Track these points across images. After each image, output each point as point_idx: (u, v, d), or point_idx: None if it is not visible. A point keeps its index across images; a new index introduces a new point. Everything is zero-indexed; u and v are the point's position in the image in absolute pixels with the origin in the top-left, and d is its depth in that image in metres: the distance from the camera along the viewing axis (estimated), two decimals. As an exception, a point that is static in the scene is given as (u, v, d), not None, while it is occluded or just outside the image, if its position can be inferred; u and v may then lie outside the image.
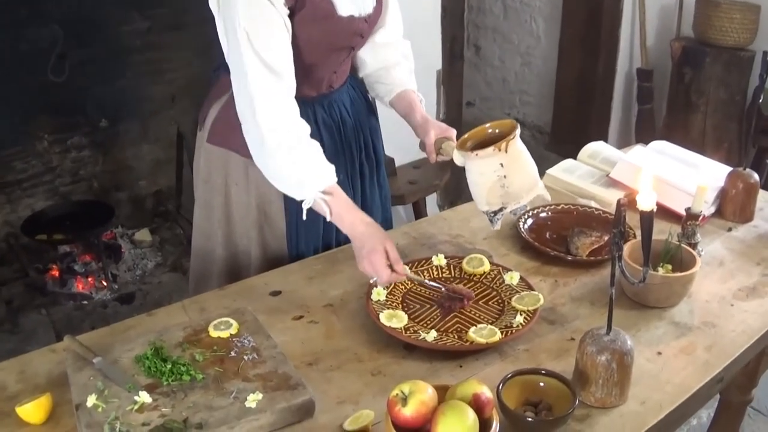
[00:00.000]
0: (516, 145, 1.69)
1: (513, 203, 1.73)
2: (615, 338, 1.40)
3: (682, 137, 3.95)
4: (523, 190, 1.71)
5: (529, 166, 1.72)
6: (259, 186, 1.90)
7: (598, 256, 1.91)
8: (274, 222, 1.95)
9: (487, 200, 1.74)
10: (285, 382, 1.42)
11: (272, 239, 1.96)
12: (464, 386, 1.30)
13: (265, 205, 1.93)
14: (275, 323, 1.67)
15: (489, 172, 1.69)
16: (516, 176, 1.69)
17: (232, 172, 1.92)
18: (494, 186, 1.70)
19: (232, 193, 1.93)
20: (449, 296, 1.70)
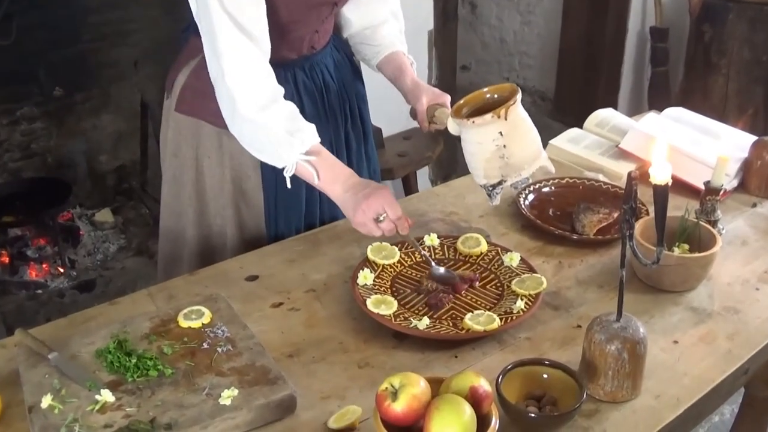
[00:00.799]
0: (517, 112, 1.69)
1: (514, 175, 1.73)
2: (626, 325, 1.41)
3: (701, 103, 3.96)
4: (525, 161, 1.71)
5: (532, 134, 1.73)
6: (233, 159, 1.90)
7: (606, 235, 1.92)
8: (250, 199, 1.95)
9: (485, 173, 1.74)
10: (263, 376, 1.42)
11: (249, 218, 1.96)
12: (460, 379, 1.30)
13: (240, 179, 1.93)
14: (252, 311, 1.67)
15: (487, 141, 1.69)
16: (517, 146, 1.69)
17: (203, 144, 1.91)
18: (493, 157, 1.70)
19: (203, 168, 1.93)
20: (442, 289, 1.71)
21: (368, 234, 1.71)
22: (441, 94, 1.89)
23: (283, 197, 1.94)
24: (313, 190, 1.97)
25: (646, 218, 1.80)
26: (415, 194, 2.24)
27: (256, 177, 1.92)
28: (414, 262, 1.81)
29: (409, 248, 1.83)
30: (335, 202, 1.74)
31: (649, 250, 1.66)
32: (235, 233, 1.97)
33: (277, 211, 1.96)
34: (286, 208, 1.96)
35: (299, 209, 1.98)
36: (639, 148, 2.23)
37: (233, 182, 1.93)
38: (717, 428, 2.83)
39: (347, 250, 1.89)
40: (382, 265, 1.77)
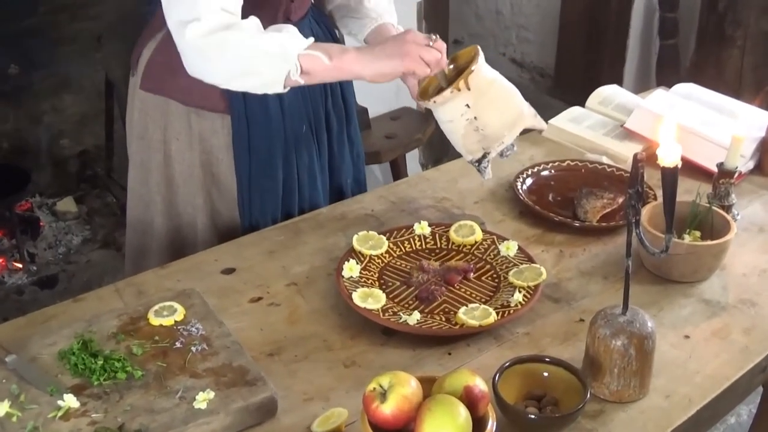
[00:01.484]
0: (481, 77, 1.69)
1: (496, 146, 1.73)
2: (633, 319, 1.42)
3: (714, 78, 3.96)
4: (503, 127, 1.71)
5: (504, 96, 1.72)
6: (203, 140, 1.90)
7: (611, 222, 1.93)
8: (223, 185, 1.95)
9: (466, 149, 1.74)
10: (241, 378, 1.42)
11: (222, 206, 1.97)
12: (454, 378, 1.31)
13: (211, 163, 1.93)
14: (228, 307, 1.67)
15: (456, 117, 1.70)
16: (489, 114, 1.69)
17: (171, 125, 1.91)
18: (467, 132, 1.70)
19: (172, 151, 1.93)
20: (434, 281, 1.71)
21: (419, 72, 1.70)
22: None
23: (258, 182, 1.94)
24: (291, 173, 1.97)
25: (654, 203, 1.81)
26: (404, 179, 2.24)
27: (228, 160, 1.92)
28: (403, 252, 1.81)
29: (397, 238, 1.83)
30: (363, 74, 1.71)
31: (657, 238, 1.66)
32: (207, 222, 1.97)
33: (252, 198, 1.96)
34: (261, 194, 1.96)
35: (276, 196, 1.98)
36: (646, 127, 2.24)
37: (203, 166, 1.93)
38: (733, 430, 2.84)
39: (331, 240, 1.89)
40: (369, 256, 1.77)
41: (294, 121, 1.95)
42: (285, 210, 2.01)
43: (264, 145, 1.92)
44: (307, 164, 2.01)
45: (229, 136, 1.90)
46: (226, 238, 1.93)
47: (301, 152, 1.99)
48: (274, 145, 1.93)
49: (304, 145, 1.99)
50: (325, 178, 2.09)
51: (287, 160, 1.97)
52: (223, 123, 1.89)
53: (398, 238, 1.84)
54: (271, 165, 1.94)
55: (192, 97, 1.85)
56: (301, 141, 1.97)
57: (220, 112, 1.88)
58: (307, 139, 1.99)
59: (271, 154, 1.93)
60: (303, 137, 1.97)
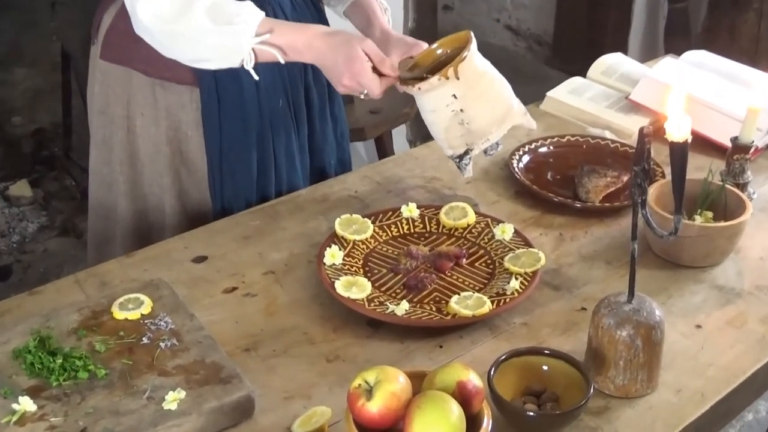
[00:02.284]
0: (472, 67, 1.69)
1: (480, 142, 1.73)
2: (639, 307, 1.42)
3: (728, 45, 3.96)
4: (490, 123, 1.72)
5: (494, 90, 1.73)
6: (170, 115, 1.90)
7: (615, 202, 1.94)
8: (192, 164, 1.95)
9: (448, 143, 1.75)
10: (215, 375, 1.42)
11: (192, 187, 1.97)
12: (446, 372, 1.31)
13: (179, 140, 1.93)
14: (200, 298, 1.67)
15: (441, 108, 1.70)
16: (476, 107, 1.70)
17: (135, 99, 1.90)
18: (451, 124, 1.71)
19: (136, 127, 1.92)
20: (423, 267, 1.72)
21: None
22: (415, 44, 1.88)
23: (231, 161, 1.94)
24: (267, 152, 1.97)
25: (662, 182, 1.81)
26: (391, 157, 2.24)
27: (198, 136, 1.92)
28: (390, 237, 1.81)
29: (383, 221, 1.83)
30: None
31: (666, 219, 1.67)
32: (176, 205, 1.97)
33: (224, 179, 1.95)
34: (234, 174, 1.96)
35: (250, 176, 1.98)
36: (653, 99, 2.24)
37: (170, 144, 1.93)
38: (751, 428, 2.84)
39: (311, 225, 1.89)
40: (352, 241, 1.77)
41: (270, 95, 1.94)
42: (260, 192, 2.01)
43: (236, 120, 1.92)
44: (284, 142, 2.01)
45: (198, 110, 1.89)
46: (197, 222, 1.93)
47: (278, 129, 1.98)
48: (248, 121, 1.93)
49: (281, 121, 1.98)
50: (305, 159, 2.09)
51: (262, 137, 1.96)
52: (192, 96, 1.89)
53: (384, 221, 1.84)
54: (244, 143, 1.93)
55: (157, 67, 1.84)
56: (277, 117, 1.97)
57: (187, 85, 1.87)
58: (285, 115, 1.99)
59: (244, 131, 1.93)
60: (280, 113, 1.97)
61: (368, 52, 1.71)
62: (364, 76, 1.70)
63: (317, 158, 2.12)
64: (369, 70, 1.70)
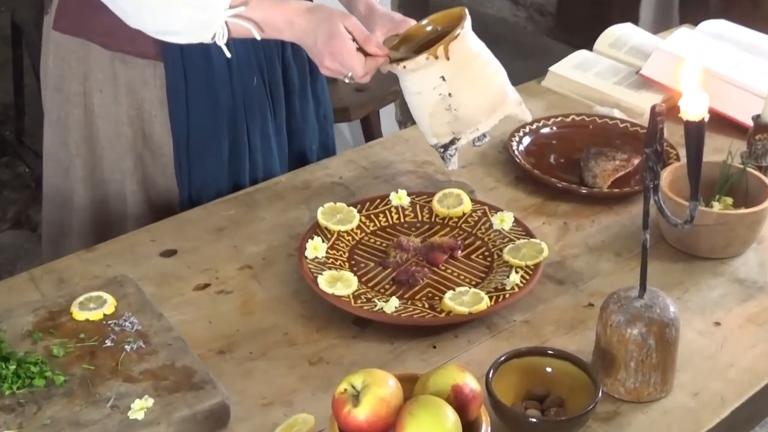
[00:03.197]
0: (464, 46, 1.69)
1: (468, 132, 1.73)
2: (652, 303, 1.43)
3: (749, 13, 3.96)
4: (480, 111, 1.71)
5: (487, 74, 1.72)
6: (132, 92, 1.89)
7: (624, 188, 1.94)
8: (157, 146, 1.94)
9: (432, 130, 1.75)
10: (186, 380, 1.42)
11: (157, 172, 1.96)
12: (440, 375, 1.31)
13: (143, 120, 1.92)
14: (170, 296, 1.67)
15: (427, 90, 1.70)
16: (466, 92, 1.70)
17: (93, 74, 1.90)
18: (437, 110, 1.71)
19: (94, 105, 1.92)
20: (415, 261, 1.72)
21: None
22: (402, 21, 1.88)
23: (199, 144, 1.94)
24: (240, 134, 1.97)
25: (676, 165, 1.82)
26: (378, 140, 2.24)
27: (163, 116, 1.91)
28: (378, 227, 1.82)
29: (370, 210, 1.83)
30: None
31: (681, 206, 1.67)
32: (138, 193, 1.96)
33: (192, 164, 1.95)
34: (203, 158, 1.96)
35: (220, 161, 1.98)
36: (666, 74, 2.24)
37: (133, 124, 1.92)
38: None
39: (292, 214, 1.89)
40: (337, 232, 1.78)
41: (243, 72, 1.94)
42: (233, 179, 2.01)
43: (205, 99, 1.91)
44: (259, 124, 2.01)
45: (162, 87, 1.89)
46: (162, 212, 1.93)
47: (253, 110, 1.98)
48: (219, 100, 1.93)
49: (256, 101, 1.98)
50: (283, 142, 2.09)
51: (234, 118, 1.96)
52: (156, 72, 1.88)
53: (371, 210, 1.85)
54: (214, 124, 1.93)
55: (117, 39, 1.84)
56: (252, 96, 1.97)
57: (151, 59, 1.87)
58: (260, 93, 1.99)
59: (214, 111, 1.93)
60: (254, 91, 1.97)
61: (351, 29, 1.70)
62: (346, 55, 1.69)
63: (297, 141, 2.12)
64: (351, 48, 1.69)
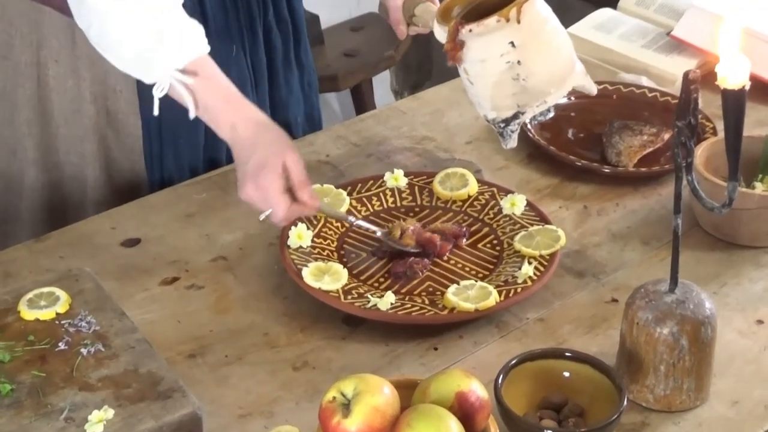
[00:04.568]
0: (535, 9, 1.69)
1: (535, 104, 1.72)
2: (684, 298, 1.43)
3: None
4: (551, 81, 1.71)
5: (558, 41, 1.72)
6: (94, 64, 1.88)
7: (653, 167, 1.94)
8: (122, 125, 1.94)
9: (493, 102, 1.73)
10: (151, 389, 1.42)
11: (121, 154, 1.96)
12: (442, 381, 1.31)
13: (106, 96, 1.92)
14: (132, 291, 1.67)
15: (493, 57, 1.69)
16: (537, 61, 1.69)
17: (47, 42, 1.89)
18: (503, 79, 1.70)
19: (49, 77, 1.91)
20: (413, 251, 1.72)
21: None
22: None
23: (172, 122, 1.93)
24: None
25: (713, 140, 1.82)
26: (371, 112, 2.24)
27: (129, 92, 1.91)
28: (371, 213, 1.82)
29: (362, 192, 1.83)
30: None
31: (718, 188, 1.67)
32: (101, 177, 1.96)
33: (163, 144, 1.96)
34: (175, 137, 1.96)
35: (195, 139, 1.98)
36: (701, 35, 2.24)
37: (95, 100, 1.92)
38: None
39: (272, 198, 1.89)
40: (323, 218, 1.77)
41: (221, 41, 1.93)
42: (208, 158, 2.02)
43: None
44: None
45: None
46: (127, 196, 1.93)
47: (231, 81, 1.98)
48: None
49: (235, 72, 1.97)
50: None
51: None
52: None
53: (363, 193, 1.85)
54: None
55: None
56: (230, 66, 1.96)
57: None
58: (239, 63, 1.98)
59: None
60: (233, 62, 1.96)
61: (290, 167, 1.64)
62: (271, 193, 1.63)
63: (279, 115, 2.11)
64: (280, 189, 1.63)
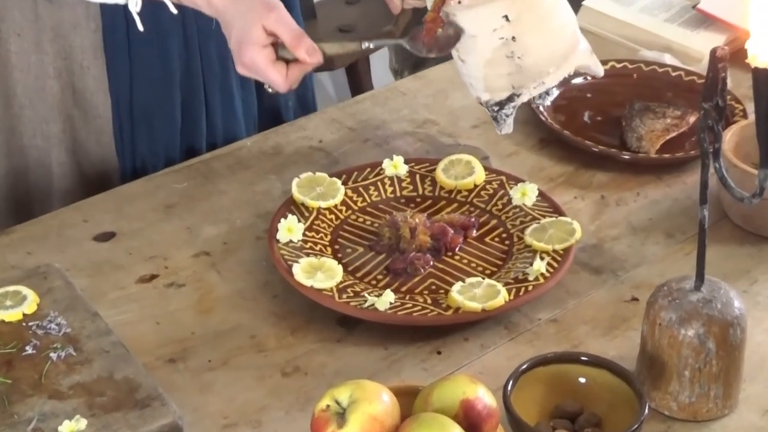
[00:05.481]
0: None
1: (532, 85, 1.73)
2: (711, 297, 1.42)
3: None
4: (550, 60, 1.71)
5: (558, 16, 1.72)
6: (60, 38, 1.89)
7: (677, 153, 1.94)
8: (91, 105, 1.94)
9: (486, 83, 1.74)
10: (128, 397, 1.42)
11: (90, 138, 1.96)
12: (446, 388, 1.31)
13: (73, 72, 1.92)
14: (107, 290, 1.67)
15: (485, 32, 1.69)
16: (533, 37, 1.69)
17: (9, 13, 1.89)
18: (497, 57, 1.70)
19: (11, 53, 1.91)
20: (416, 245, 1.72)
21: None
22: None
23: (145, 102, 1.94)
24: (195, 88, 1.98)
25: (743, 124, 1.82)
26: (368, 93, 2.25)
27: (98, 68, 1.91)
28: (368, 204, 1.82)
29: (359, 181, 1.83)
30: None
31: (748, 176, 1.67)
32: (67, 162, 1.96)
33: (135, 127, 1.96)
34: (149, 120, 1.96)
35: (172, 122, 1.98)
36: (730, 8, 2.24)
37: (60, 77, 1.91)
38: None
39: (260, 187, 1.90)
40: (316, 210, 1.77)
41: (198, 12, 1.93)
42: (187, 144, 2.02)
43: (152, 46, 1.91)
44: (219, 76, 2.01)
45: (98, 31, 1.89)
46: (98, 186, 1.93)
47: (210, 58, 1.98)
48: (168, 46, 1.93)
49: (215, 47, 1.97)
50: (250, 97, 2.10)
51: (189, 69, 1.97)
52: (89, 12, 1.87)
53: (360, 182, 1.85)
54: (163, 77, 1.93)
55: None
56: (209, 40, 1.96)
57: None
58: (220, 36, 1.97)
59: (163, 61, 1.93)
60: (213, 35, 1.96)
61: (273, 28, 1.64)
62: (261, 67, 1.63)
63: (270, 97, 2.11)
64: (266, 60, 1.63)
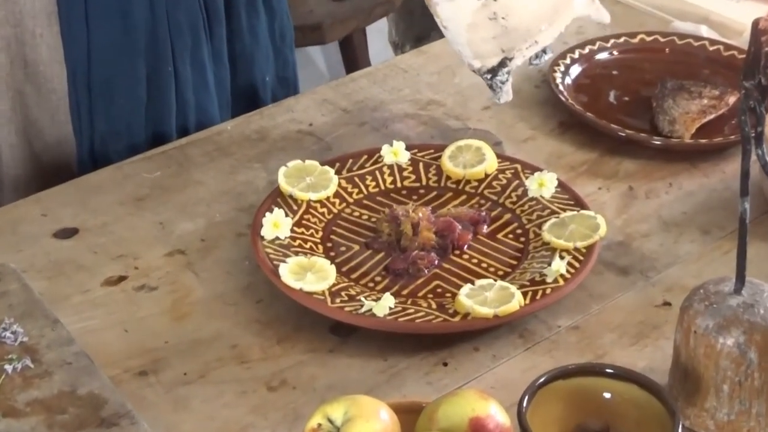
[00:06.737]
0: None
1: (523, 47, 1.73)
2: (753, 301, 1.42)
3: None
4: (539, 17, 1.72)
5: None
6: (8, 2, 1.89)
7: (715, 138, 1.95)
8: (44, 80, 1.95)
9: (472, 49, 1.75)
10: (92, 414, 1.42)
11: (43, 117, 1.97)
12: (454, 404, 1.31)
13: (24, 43, 1.92)
14: (69, 294, 1.67)
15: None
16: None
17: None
18: (478, 20, 1.71)
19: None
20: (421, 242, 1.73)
21: None
22: None
23: (105, 75, 1.95)
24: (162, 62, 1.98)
25: (787, 105, 1.82)
26: (364, 70, 2.25)
27: (52, 38, 1.91)
28: (365, 196, 1.82)
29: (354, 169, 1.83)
30: None
31: (793, 163, 1.67)
32: (18, 145, 1.97)
33: (93, 104, 1.96)
34: (109, 96, 1.97)
35: (136, 100, 1.99)
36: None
37: (8, 48, 1.92)
38: None
39: (241, 177, 1.90)
40: (306, 203, 1.78)
41: None
42: (153, 126, 2.02)
43: (113, 13, 1.92)
44: (190, 47, 2.02)
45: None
46: (56, 174, 1.94)
47: (179, 25, 1.98)
48: (132, 13, 1.93)
49: (184, 12, 1.97)
50: (223, 72, 2.10)
51: (156, 40, 1.97)
52: None
53: (355, 170, 1.85)
54: (126, 48, 1.94)
55: None
56: (179, 8, 1.96)
57: None
58: (191, 6, 1.98)
59: (125, 31, 1.93)
60: (182, 3, 1.96)
61: None
62: None
63: (243, 72, 2.12)
64: None
